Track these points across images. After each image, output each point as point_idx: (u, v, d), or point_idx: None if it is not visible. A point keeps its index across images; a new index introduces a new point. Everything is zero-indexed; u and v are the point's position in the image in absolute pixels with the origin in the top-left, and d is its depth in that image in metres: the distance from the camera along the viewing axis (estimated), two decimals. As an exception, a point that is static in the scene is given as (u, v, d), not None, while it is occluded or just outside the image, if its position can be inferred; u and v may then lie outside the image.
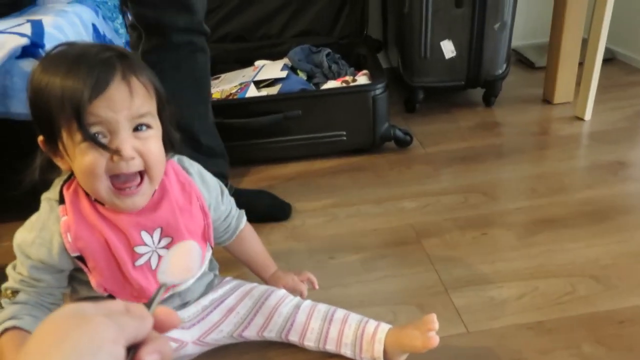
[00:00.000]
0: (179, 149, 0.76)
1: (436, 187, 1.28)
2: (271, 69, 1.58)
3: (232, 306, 0.82)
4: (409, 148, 1.47)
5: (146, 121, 0.64)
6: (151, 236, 0.70)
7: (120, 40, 1.57)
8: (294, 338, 0.81)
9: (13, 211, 0.75)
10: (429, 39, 1.55)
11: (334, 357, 0.81)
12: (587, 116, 1.55)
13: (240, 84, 1.53)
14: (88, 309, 0.34)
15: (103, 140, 0.61)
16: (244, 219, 0.87)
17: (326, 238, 1.13)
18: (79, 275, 0.71)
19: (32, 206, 0.71)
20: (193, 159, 1.07)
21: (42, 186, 0.71)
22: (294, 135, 1.41)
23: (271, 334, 0.81)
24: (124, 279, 0.69)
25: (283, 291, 0.84)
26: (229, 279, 0.87)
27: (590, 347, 0.81)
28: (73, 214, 0.67)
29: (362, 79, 1.51)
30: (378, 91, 1.38)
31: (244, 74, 1.61)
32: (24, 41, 1.07)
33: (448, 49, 1.56)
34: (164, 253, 0.71)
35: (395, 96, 1.72)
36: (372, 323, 0.79)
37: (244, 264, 0.92)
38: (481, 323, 0.87)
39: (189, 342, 0.80)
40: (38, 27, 1.14)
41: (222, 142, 1.19)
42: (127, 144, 0.61)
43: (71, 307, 0.34)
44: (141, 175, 0.65)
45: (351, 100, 1.40)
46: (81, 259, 0.68)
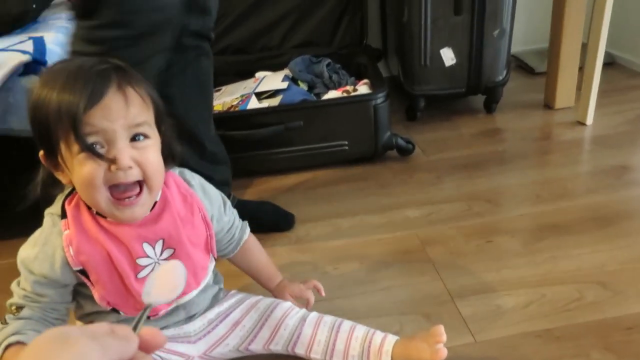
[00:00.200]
0: (180, 161, 0.76)
1: (439, 195, 1.28)
2: (272, 80, 1.59)
3: (238, 319, 0.81)
4: (411, 156, 1.47)
5: (143, 131, 0.64)
6: (153, 248, 0.70)
7: (121, 55, 1.58)
8: (300, 351, 0.80)
9: (17, 228, 0.75)
10: (428, 47, 1.56)
11: (341, 370, 0.80)
12: (589, 121, 1.55)
13: (242, 95, 1.53)
14: (72, 332, 0.35)
15: (100, 150, 0.61)
16: (248, 230, 0.87)
17: (330, 249, 1.13)
18: (83, 290, 0.71)
19: (36, 223, 0.71)
20: (197, 165, 1.08)
21: (45, 203, 0.71)
22: (296, 146, 1.41)
23: (277, 346, 0.80)
24: (126, 291, 0.69)
25: (289, 304, 0.83)
26: (234, 292, 0.86)
27: (599, 354, 0.80)
28: (75, 228, 0.67)
29: (362, 88, 1.51)
30: (379, 100, 1.39)
31: (245, 86, 1.61)
32: (26, 58, 1.08)
33: (448, 56, 1.57)
34: None
35: (396, 105, 1.72)
36: (379, 335, 0.78)
37: (250, 276, 0.92)
38: (488, 332, 0.87)
39: (195, 356, 0.80)
40: (40, 44, 1.15)
41: (225, 149, 1.19)
42: (124, 153, 0.61)
43: (55, 330, 0.35)
44: (140, 186, 0.65)
45: (352, 110, 1.40)
46: (84, 272, 0.68)
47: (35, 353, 0.33)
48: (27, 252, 0.68)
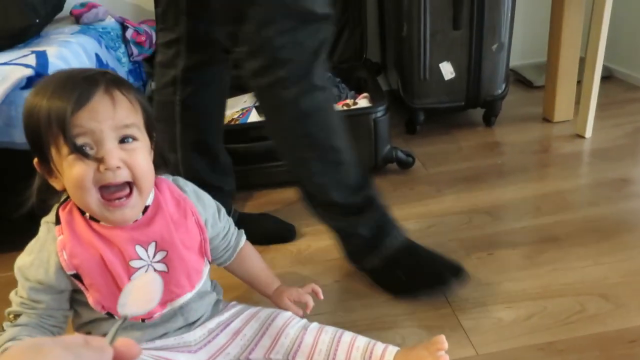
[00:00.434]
0: (171, 168, 0.78)
1: (440, 207, 1.28)
2: (272, 94, 1.59)
3: (239, 329, 0.81)
4: (411, 169, 1.48)
5: (131, 133, 0.66)
6: (146, 250, 0.70)
7: (122, 69, 1.59)
8: (300, 360, 0.79)
9: (15, 241, 0.76)
10: (427, 61, 1.57)
11: (342, 383, 0.80)
12: (588, 134, 1.55)
13: (242, 109, 1.54)
14: (46, 342, 0.35)
15: (90, 151, 0.63)
16: (244, 238, 0.88)
17: (331, 261, 1.12)
18: (79, 297, 0.71)
19: (34, 235, 0.72)
20: (210, 177, 1.09)
21: (43, 213, 0.72)
22: (297, 159, 1.41)
23: (278, 355, 0.80)
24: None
25: (289, 313, 0.83)
26: (234, 303, 0.86)
27: (602, 368, 0.80)
28: (68, 232, 0.68)
29: (362, 102, 1.52)
30: (379, 114, 1.39)
31: (245, 100, 1.62)
32: (29, 72, 1.08)
33: (447, 70, 1.58)
34: (160, 267, 0.72)
35: (396, 118, 1.73)
36: (380, 345, 0.78)
37: (247, 283, 0.91)
38: (490, 345, 0.86)
39: (196, 366, 0.79)
40: (42, 58, 1.16)
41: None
42: (112, 153, 0.63)
43: (29, 341, 0.35)
44: (130, 187, 0.67)
45: (352, 123, 1.39)
46: (78, 277, 0.69)
47: None
48: (24, 260, 0.70)
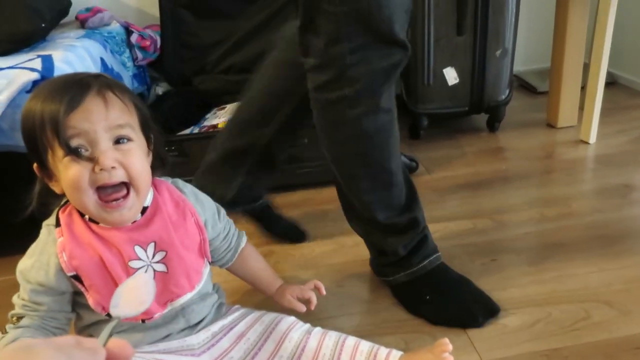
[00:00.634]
0: (169, 168, 0.78)
1: (443, 213, 1.28)
2: (276, 99, 1.59)
3: (242, 332, 0.81)
4: (414, 174, 1.48)
5: (125, 133, 0.67)
6: (145, 250, 0.71)
7: (127, 73, 1.60)
8: (304, 364, 0.79)
9: (17, 245, 0.75)
10: (431, 66, 1.57)
11: (345, 388, 0.79)
12: (592, 139, 1.55)
13: (246, 113, 1.54)
14: (38, 343, 0.35)
15: (85, 153, 0.64)
16: (245, 239, 0.88)
17: (334, 266, 1.12)
18: (80, 300, 0.72)
19: (35, 239, 0.72)
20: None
21: (44, 217, 0.73)
22: (300, 163, 1.41)
23: (281, 359, 0.79)
24: None
25: (293, 317, 0.83)
26: (237, 306, 0.86)
27: (608, 375, 0.80)
28: (67, 234, 0.69)
29: (366, 106, 1.52)
30: (383, 118, 1.39)
31: (249, 104, 1.62)
32: (35, 76, 1.09)
33: (451, 75, 1.58)
34: (160, 267, 0.72)
35: (400, 123, 1.70)
36: (384, 350, 0.78)
37: (250, 284, 0.91)
38: (495, 351, 0.86)
39: (199, 370, 0.79)
40: (48, 61, 1.17)
41: None
42: (106, 153, 0.64)
43: (21, 342, 0.35)
44: (127, 188, 0.67)
45: (356, 128, 1.41)
46: (78, 278, 0.69)
47: None
48: (25, 263, 0.70)
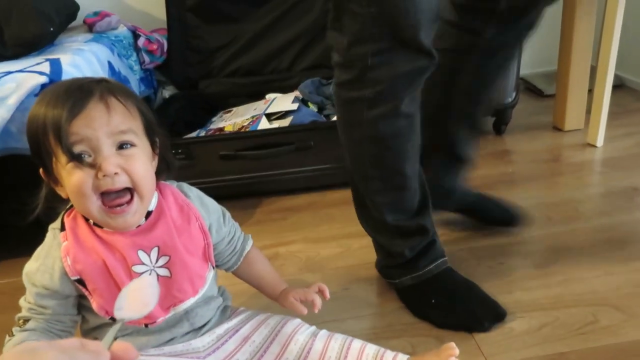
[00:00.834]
0: (175, 172, 0.78)
1: (450, 216, 1.27)
2: (282, 102, 1.60)
3: (248, 335, 0.81)
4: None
5: (128, 139, 0.67)
6: (148, 255, 0.71)
7: (134, 77, 1.61)
8: (310, 367, 0.79)
9: (24, 248, 0.76)
10: (437, 69, 1.57)
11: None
12: (599, 143, 1.54)
13: (252, 116, 1.55)
14: (41, 346, 0.35)
15: (88, 159, 0.64)
16: (250, 242, 0.87)
17: (340, 269, 1.12)
18: (85, 303, 0.72)
19: (42, 242, 0.73)
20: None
21: (50, 221, 0.73)
22: (306, 167, 1.42)
23: None
24: None
25: (299, 320, 0.82)
26: (242, 308, 0.86)
27: (616, 379, 0.79)
28: (72, 238, 0.69)
29: (372, 109, 1.52)
30: (389, 121, 1.39)
31: (255, 107, 1.63)
32: (43, 79, 1.10)
33: (457, 79, 1.58)
34: (163, 272, 0.72)
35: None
36: (390, 353, 0.78)
37: (254, 287, 0.90)
38: (502, 355, 0.85)
39: (205, 373, 0.79)
40: (56, 65, 1.18)
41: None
42: (109, 159, 0.64)
43: (25, 345, 0.35)
44: (131, 193, 0.67)
45: (362, 131, 1.41)
46: (82, 282, 0.69)
47: None
48: (31, 266, 0.71)
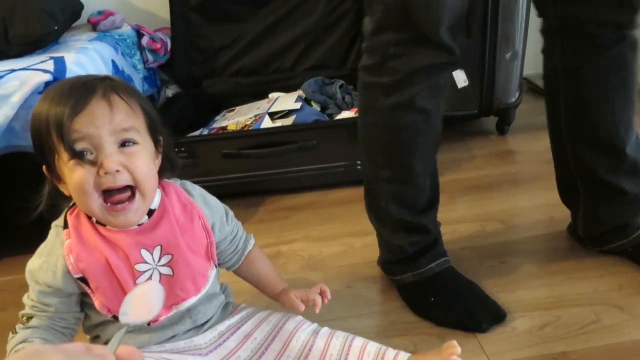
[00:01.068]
0: (179, 171, 0.78)
1: (452, 215, 1.27)
2: (285, 101, 1.60)
3: (249, 332, 0.81)
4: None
5: (131, 136, 0.67)
6: (151, 254, 0.71)
7: (138, 76, 1.62)
8: (311, 364, 0.79)
9: (28, 244, 0.76)
10: (440, 69, 1.57)
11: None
12: (603, 143, 1.54)
13: (255, 115, 1.55)
14: (47, 349, 0.35)
15: (90, 156, 0.64)
16: (252, 242, 0.88)
17: (343, 267, 1.12)
18: (88, 300, 0.72)
19: (46, 238, 0.73)
20: (610, 176, 0.95)
21: (54, 217, 0.74)
22: (308, 165, 1.42)
23: (288, 359, 0.79)
24: None
25: (300, 317, 0.82)
26: (244, 305, 0.86)
27: (618, 379, 0.79)
28: (75, 236, 0.69)
29: (375, 109, 1.52)
30: (391, 121, 1.39)
31: (258, 106, 1.63)
32: (47, 77, 1.10)
33: (460, 78, 1.57)
34: (166, 271, 0.72)
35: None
36: (392, 351, 0.78)
37: (255, 286, 0.90)
38: (504, 354, 0.85)
39: (206, 369, 0.79)
40: (60, 63, 1.18)
41: None
42: (111, 157, 0.64)
43: (31, 348, 0.35)
44: (132, 191, 0.67)
45: (365, 130, 1.41)
46: (84, 280, 0.69)
47: None
48: (33, 263, 0.71)
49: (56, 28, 1.37)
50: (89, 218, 0.70)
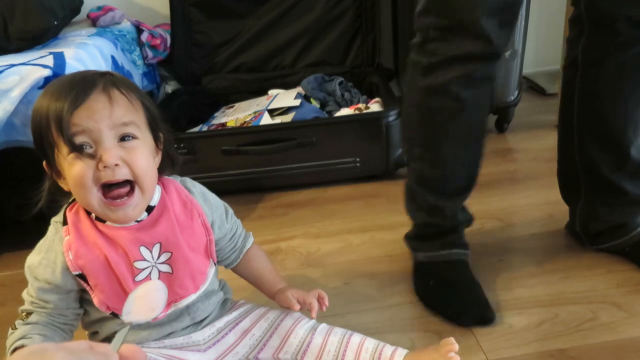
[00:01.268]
0: (179, 168, 0.78)
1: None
2: (285, 98, 1.60)
3: (248, 328, 0.81)
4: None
5: (130, 131, 0.67)
6: (150, 251, 0.71)
7: (137, 71, 1.61)
8: (309, 360, 0.79)
9: (28, 240, 0.76)
10: (440, 66, 1.57)
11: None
12: (602, 141, 1.54)
13: (255, 112, 1.55)
14: (50, 347, 0.36)
15: (89, 150, 0.64)
16: (251, 240, 0.88)
17: (341, 264, 1.12)
18: (87, 296, 0.72)
19: (44, 234, 0.73)
20: (612, 175, 0.96)
21: (53, 213, 0.74)
22: (308, 162, 1.42)
23: (286, 355, 0.80)
24: (124, 294, 0.69)
25: (299, 313, 0.83)
26: (242, 301, 0.86)
27: (615, 376, 0.79)
28: (74, 233, 0.69)
29: (374, 106, 1.52)
30: (391, 118, 1.40)
31: (258, 103, 1.63)
32: (46, 72, 1.10)
33: (460, 76, 1.58)
34: (165, 268, 0.72)
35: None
36: (390, 348, 0.78)
37: (253, 284, 0.90)
38: (501, 351, 0.86)
39: (205, 365, 0.79)
40: (60, 58, 1.18)
41: None
42: (110, 151, 0.64)
43: (35, 346, 0.36)
44: (132, 186, 0.67)
45: (364, 127, 1.41)
46: (83, 277, 0.69)
47: None
48: (33, 259, 0.71)
49: (56, 23, 1.37)
50: (89, 214, 0.70)
